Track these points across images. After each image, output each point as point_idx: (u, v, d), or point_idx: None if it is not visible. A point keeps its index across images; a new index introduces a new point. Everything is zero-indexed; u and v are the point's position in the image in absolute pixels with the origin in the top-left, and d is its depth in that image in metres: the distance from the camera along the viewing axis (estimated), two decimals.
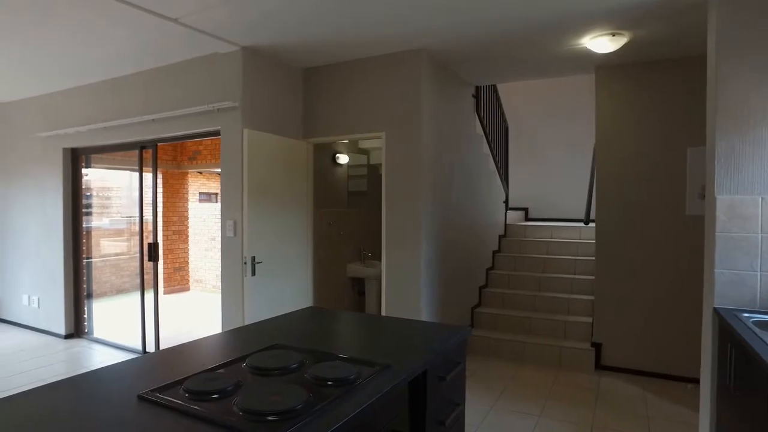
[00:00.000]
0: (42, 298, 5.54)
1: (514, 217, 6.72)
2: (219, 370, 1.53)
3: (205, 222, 8.56)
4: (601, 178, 4.36)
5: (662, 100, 4.10)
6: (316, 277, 4.47)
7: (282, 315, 2.39)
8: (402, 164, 3.90)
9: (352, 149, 5.42)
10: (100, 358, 4.70)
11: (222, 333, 2.07)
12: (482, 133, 5.55)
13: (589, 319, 4.63)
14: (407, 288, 3.90)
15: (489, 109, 5.88)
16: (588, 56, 3.99)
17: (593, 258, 4.99)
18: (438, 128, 4.13)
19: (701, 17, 3.11)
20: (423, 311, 3.88)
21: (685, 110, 4.00)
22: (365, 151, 5.66)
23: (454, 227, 4.52)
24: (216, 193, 12.79)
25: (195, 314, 6.83)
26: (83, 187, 5.43)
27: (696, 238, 3.64)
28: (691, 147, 3.97)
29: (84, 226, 5.42)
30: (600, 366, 4.33)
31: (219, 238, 8.19)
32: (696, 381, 3.72)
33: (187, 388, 1.35)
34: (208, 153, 7.79)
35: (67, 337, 5.31)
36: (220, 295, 3.96)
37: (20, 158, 5.70)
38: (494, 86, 6.12)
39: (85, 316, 5.40)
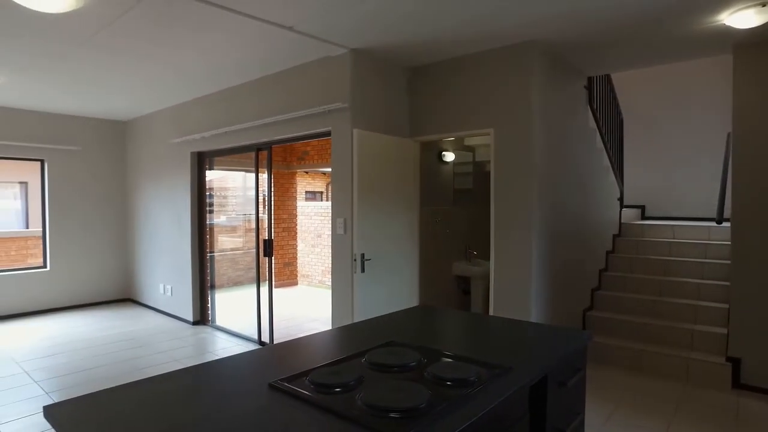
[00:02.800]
0: (174, 287, 6.15)
1: (629, 215, 6.23)
2: (340, 364, 1.57)
3: (311, 219, 8.97)
4: (739, 172, 3.88)
5: None
6: (422, 275, 4.49)
7: (394, 312, 2.42)
8: (511, 161, 3.78)
9: (458, 146, 5.35)
10: (222, 344, 5.12)
11: (339, 328, 2.14)
12: (595, 126, 5.20)
13: (723, 330, 4.15)
14: (516, 288, 3.77)
15: (602, 100, 5.50)
16: (724, 34, 3.57)
17: (727, 261, 4.47)
18: (549, 123, 3.94)
19: None
20: (532, 312, 3.73)
21: None
22: (471, 148, 5.57)
23: (565, 226, 4.29)
24: (321, 192, 13.38)
25: (303, 307, 7.18)
26: (207, 187, 5.94)
27: None
28: None
29: (207, 223, 5.93)
30: (738, 384, 3.86)
31: (324, 235, 8.60)
32: None
33: (312, 380, 1.41)
34: (315, 153, 8.15)
35: (195, 323, 5.85)
36: (325, 290, 4.13)
37: (159, 162, 6.39)
38: (608, 76, 5.71)
39: (209, 305, 5.91)
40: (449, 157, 5.19)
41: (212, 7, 3.03)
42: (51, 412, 1.26)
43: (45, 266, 6.62)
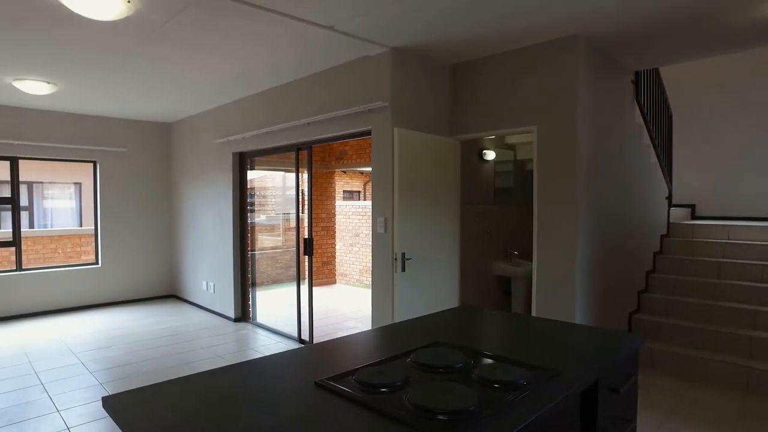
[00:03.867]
0: (216, 284, 6.31)
1: (678, 214, 5.98)
2: (385, 364, 1.56)
3: (349, 219, 9.02)
4: None
5: None
6: (462, 275, 4.44)
7: (438, 312, 2.39)
8: (555, 159, 3.68)
9: (499, 145, 5.27)
10: (263, 341, 5.21)
11: (382, 327, 2.13)
12: (642, 122, 5.01)
13: None
14: (559, 289, 3.67)
15: (650, 95, 5.29)
16: None
17: None
18: (593, 120, 3.82)
19: None
20: (576, 314, 3.62)
21: None
22: (512, 147, 5.47)
23: (610, 226, 4.15)
24: (358, 191, 13.45)
25: (342, 306, 7.23)
26: (248, 186, 6.06)
27: None
28: None
29: (248, 221, 6.05)
30: None
31: (362, 235, 8.63)
32: None
33: (358, 379, 1.40)
34: (353, 153, 8.19)
35: (236, 320, 5.98)
36: (363, 289, 4.13)
37: (202, 162, 6.57)
38: (656, 70, 5.49)
39: (250, 302, 6.02)
40: (490, 155, 5.11)
41: (255, 10, 3.08)
42: (109, 402, 1.30)
43: (97, 263, 6.91)
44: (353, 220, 8.94)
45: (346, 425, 1.19)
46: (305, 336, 5.04)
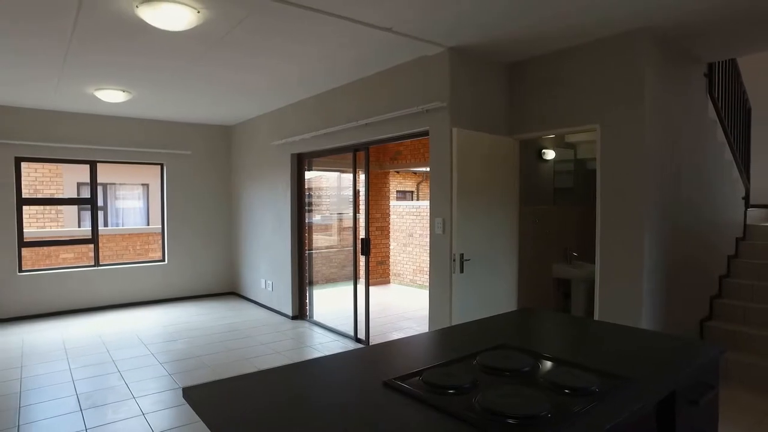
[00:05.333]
0: (275, 283, 6.50)
1: (757, 216, 5.58)
2: (452, 366, 1.56)
3: (403, 219, 9.04)
4: None
5: None
6: (520, 277, 4.35)
7: (500, 314, 2.36)
8: (619, 158, 3.54)
9: (558, 144, 5.12)
10: (320, 339, 5.31)
11: (445, 329, 2.12)
12: (716, 117, 4.72)
13: None
14: (624, 293, 3.52)
15: (725, 88, 4.97)
16: None
17: None
18: (661, 116, 3.64)
19: None
20: (643, 319, 3.46)
21: None
22: (572, 146, 5.31)
23: (680, 227, 3.94)
24: (412, 191, 13.46)
25: (396, 306, 7.26)
26: (305, 187, 6.20)
27: None
28: None
29: (305, 221, 6.18)
30: None
31: (416, 235, 8.63)
32: None
33: (426, 380, 1.41)
34: (408, 153, 8.20)
35: (293, 318, 6.13)
36: (417, 289, 4.13)
37: (261, 164, 6.78)
38: (732, 61, 5.15)
39: (307, 301, 6.16)
40: (549, 154, 4.98)
41: (315, 14, 3.14)
42: (189, 393, 1.37)
43: (164, 260, 7.29)
44: (407, 220, 8.96)
45: (415, 426, 1.19)
46: (361, 335, 5.10)
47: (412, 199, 13.09)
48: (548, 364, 1.58)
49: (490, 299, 4.00)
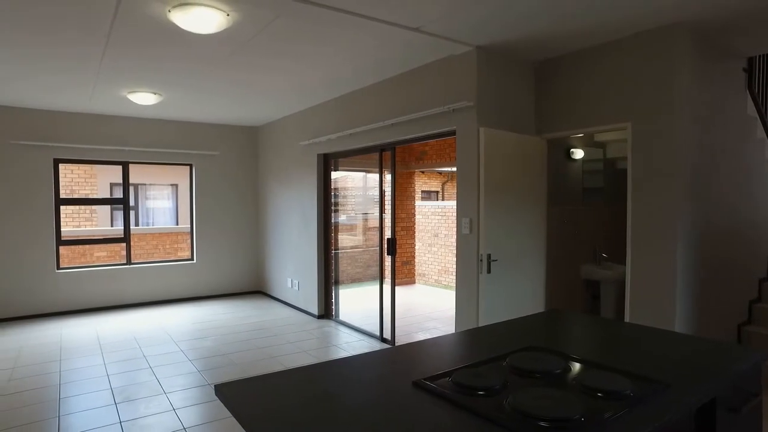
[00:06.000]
0: (301, 282, 6.56)
1: None
2: (481, 367, 1.54)
3: (428, 219, 9.01)
4: None
5: None
6: (548, 278, 4.28)
7: (528, 315, 2.32)
8: (652, 157, 3.45)
9: (587, 143, 5.03)
10: (346, 338, 5.34)
11: (473, 329, 2.11)
12: (756, 114, 4.56)
13: None
14: (656, 295, 3.43)
15: (767, 83, 4.79)
16: None
17: None
18: (696, 112, 3.53)
19: None
20: (676, 322, 3.37)
21: None
22: (601, 145, 5.20)
23: (716, 228, 3.82)
24: (437, 191, 13.41)
25: (422, 306, 7.24)
26: (331, 187, 6.24)
27: None
28: None
29: (332, 221, 6.22)
30: None
31: (441, 235, 8.59)
32: None
33: (455, 380, 1.40)
34: (433, 153, 8.18)
35: (319, 317, 6.17)
36: (442, 289, 4.11)
37: (288, 164, 6.86)
38: None
39: (333, 300, 6.20)
40: (578, 154, 4.89)
41: (342, 15, 3.15)
42: (221, 390, 1.39)
43: (192, 259, 7.44)
44: (432, 220, 8.93)
45: (445, 426, 1.19)
46: (387, 335, 5.10)
47: (437, 199, 13.04)
48: (579, 366, 1.55)
49: (517, 300, 3.95)
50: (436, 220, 8.84)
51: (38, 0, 2.95)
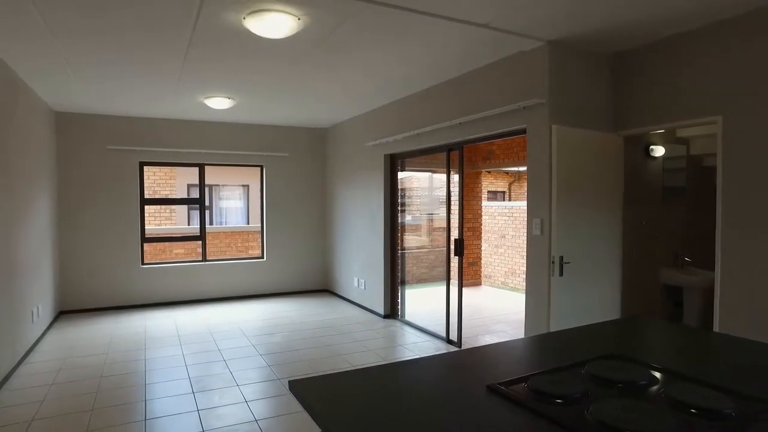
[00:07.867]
0: (367, 282, 6.62)
1: None
2: (558, 373, 1.47)
3: (495, 219, 8.82)
4: None
5: None
6: (624, 282, 4.05)
7: (606, 321, 2.21)
8: (747, 153, 3.16)
9: (669, 139, 4.71)
10: (411, 339, 5.33)
11: (546, 334, 2.03)
12: None
13: None
14: (752, 304, 3.14)
15: None
16: None
17: None
18: None
19: None
20: None
21: None
22: (684, 141, 4.85)
23: None
24: (503, 192, 13.11)
25: (488, 308, 7.10)
26: (398, 187, 6.26)
27: None
28: None
29: (398, 221, 6.23)
30: None
31: (509, 236, 8.38)
32: None
33: (532, 387, 1.34)
34: (500, 153, 8.00)
35: (385, 317, 6.21)
36: (509, 291, 4.00)
37: (354, 165, 6.96)
38: None
39: (399, 300, 6.21)
40: (658, 151, 4.60)
41: (410, 14, 3.15)
42: (294, 386, 1.42)
43: (263, 257, 7.72)
44: (499, 221, 8.73)
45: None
46: (453, 336, 5.04)
47: (503, 200, 12.75)
48: (667, 377, 1.45)
49: (590, 305, 3.77)
50: (503, 221, 8.64)
51: (133, 27, 3.28)
